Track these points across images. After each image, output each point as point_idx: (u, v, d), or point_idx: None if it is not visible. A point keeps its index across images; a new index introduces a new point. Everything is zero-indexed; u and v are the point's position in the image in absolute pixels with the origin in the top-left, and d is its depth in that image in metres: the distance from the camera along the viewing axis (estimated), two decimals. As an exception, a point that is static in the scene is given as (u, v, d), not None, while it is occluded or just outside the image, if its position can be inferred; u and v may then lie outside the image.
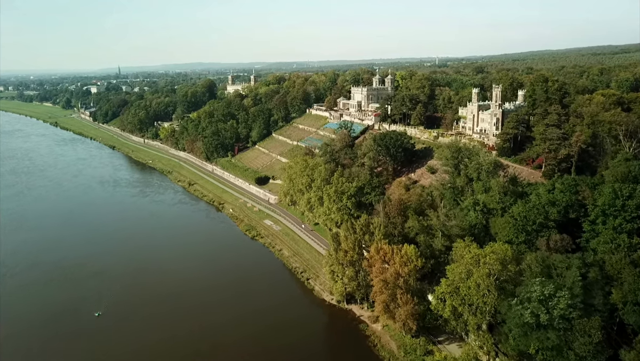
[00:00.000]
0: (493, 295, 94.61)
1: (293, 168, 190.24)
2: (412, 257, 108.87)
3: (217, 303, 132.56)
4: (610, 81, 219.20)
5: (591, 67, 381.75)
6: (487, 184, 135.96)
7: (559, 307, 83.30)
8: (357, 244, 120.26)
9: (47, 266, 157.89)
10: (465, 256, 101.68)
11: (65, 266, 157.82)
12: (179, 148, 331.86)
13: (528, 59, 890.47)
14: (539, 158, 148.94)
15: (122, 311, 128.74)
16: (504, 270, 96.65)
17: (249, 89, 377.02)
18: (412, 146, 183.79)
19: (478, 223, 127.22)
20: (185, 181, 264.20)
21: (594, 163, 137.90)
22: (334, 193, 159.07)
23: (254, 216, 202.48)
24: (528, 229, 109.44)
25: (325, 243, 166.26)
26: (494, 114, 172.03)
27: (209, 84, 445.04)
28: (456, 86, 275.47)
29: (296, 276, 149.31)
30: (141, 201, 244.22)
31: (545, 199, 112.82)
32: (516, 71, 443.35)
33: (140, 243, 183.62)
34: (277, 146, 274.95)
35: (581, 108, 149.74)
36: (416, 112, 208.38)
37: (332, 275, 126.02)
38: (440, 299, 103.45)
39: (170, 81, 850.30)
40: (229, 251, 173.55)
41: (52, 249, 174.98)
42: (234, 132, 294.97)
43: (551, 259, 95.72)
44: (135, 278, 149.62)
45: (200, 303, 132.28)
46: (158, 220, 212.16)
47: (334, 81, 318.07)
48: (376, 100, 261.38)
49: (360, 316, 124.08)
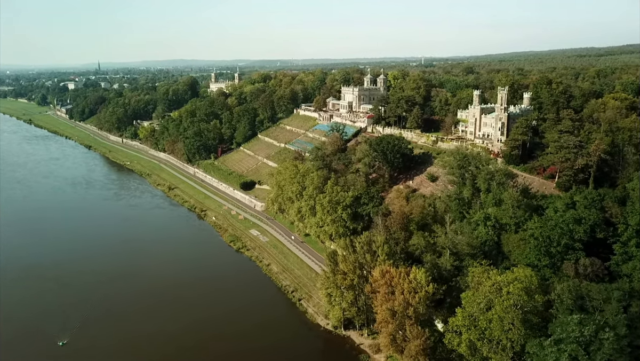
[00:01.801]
0: (519, 331, 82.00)
1: (282, 174, 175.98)
2: (422, 282, 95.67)
3: (198, 326, 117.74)
4: (613, 84, 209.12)
5: (584, 68, 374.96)
6: (497, 196, 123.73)
7: (602, 352, 70.93)
8: (357, 266, 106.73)
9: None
10: (484, 283, 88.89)
11: (20, 278, 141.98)
12: (159, 149, 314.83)
13: (513, 59, 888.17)
14: (551, 167, 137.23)
15: (88, 342, 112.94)
16: (530, 300, 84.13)
17: (233, 88, 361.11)
18: (410, 152, 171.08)
19: (489, 239, 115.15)
20: (165, 185, 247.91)
21: (612, 174, 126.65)
22: (328, 203, 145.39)
23: (239, 225, 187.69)
24: (552, 251, 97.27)
25: (318, 257, 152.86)
26: (499, 118, 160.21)
27: (191, 82, 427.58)
28: (450, 87, 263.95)
29: (287, 295, 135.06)
30: (114, 205, 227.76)
31: (569, 216, 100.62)
32: (507, 72, 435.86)
33: (107, 255, 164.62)
34: (263, 148, 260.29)
35: (597, 114, 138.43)
36: (413, 114, 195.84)
37: (328, 299, 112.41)
38: (455, 332, 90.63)
39: (151, 77, 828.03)
40: (211, 266, 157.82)
41: (9, 258, 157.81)
42: (217, 133, 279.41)
43: (584, 288, 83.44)
44: (100, 299, 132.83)
45: (179, 327, 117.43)
46: (132, 227, 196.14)
47: (322, 80, 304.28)
48: (368, 101, 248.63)
49: (360, 345, 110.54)
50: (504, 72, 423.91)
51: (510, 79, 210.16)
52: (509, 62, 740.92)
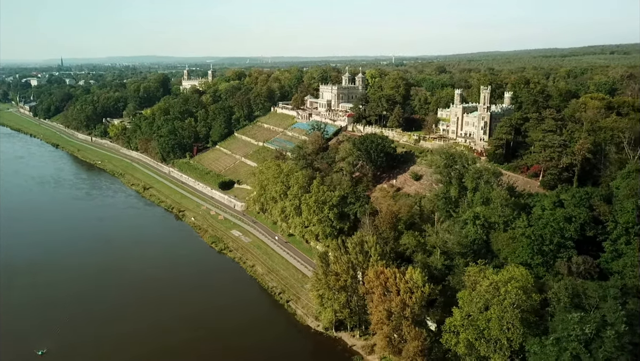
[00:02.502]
0: (518, 330, 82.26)
1: (265, 173, 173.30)
2: (418, 283, 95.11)
3: (184, 327, 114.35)
4: (587, 84, 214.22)
5: (553, 69, 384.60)
6: (485, 195, 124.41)
7: (604, 349, 71.65)
8: (350, 267, 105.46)
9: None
10: (481, 282, 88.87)
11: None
12: (132, 148, 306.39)
13: (481, 59, 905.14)
14: (534, 166, 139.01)
15: (70, 350, 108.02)
16: (528, 300, 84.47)
17: (207, 85, 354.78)
18: (393, 151, 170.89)
19: (478, 238, 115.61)
20: (140, 185, 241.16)
21: (595, 173, 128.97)
22: (314, 203, 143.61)
23: (220, 225, 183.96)
24: (544, 249, 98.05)
25: (303, 257, 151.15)
26: (481, 118, 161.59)
27: (163, 79, 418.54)
28: (426, 85, 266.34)
29: (274, 297, 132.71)
30: (87, 205, 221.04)
31: (559, 214, 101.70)
32: (478, 71, 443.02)
33: (83, 256, 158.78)
34: (240, 147, 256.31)
35: (579, 113, 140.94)
36: (394, 113, 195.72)
37: (320, 300, 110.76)
38: (453, 332, 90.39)
39: (117, 74, 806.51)
40: (193, 268, 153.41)
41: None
42: (192, 131, 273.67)
43: (580, 286, 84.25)
44: (80, 301, 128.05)
45: (163, 329, 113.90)
46: (108, 228, 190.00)
47: (299, 78, 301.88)
48: (347, 99, 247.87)
49: (352, 346, 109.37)
50: (476, 71, 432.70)
51: (488, 79, 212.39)
52: (478, 62, 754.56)
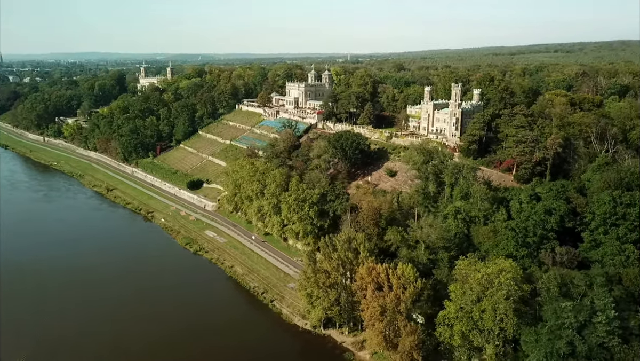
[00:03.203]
0: (511, 320, 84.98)
1: (239, 172, 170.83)
2: (410, 278, 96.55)
3: (168, 332, 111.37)
4: (546, 81, 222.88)
5: (507, 66, 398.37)
6: (465, 190, 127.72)
7: (596, 335, 75.20)
8: (340, 264, 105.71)
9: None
10: (473, 275, 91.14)
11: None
12: (89, 148, 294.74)
13: (434, 56, 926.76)
14: (507, 161, 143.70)
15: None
16: (519, 290, 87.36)
17: (166, 83, 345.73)
18: (367, 147, 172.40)
19: (459, 232, 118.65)
20: (103, 186, 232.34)
21: (565, 166, 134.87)
22: (294, 201, 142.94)
23: (192, 226, 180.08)
24: (528, 241, 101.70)
25: (282, 256, 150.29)
26: (453, 114, 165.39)
27: (119, 76, 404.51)
28: (390, 83, 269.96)
29: (257, 298, 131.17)
30: (47, 207, 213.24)
31: (540, 207, 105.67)
32: (435, 69, 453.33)
33: (49, 259, 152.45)
34: (206, 146, 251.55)
35: (549, 109, 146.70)
36: (365, 111, 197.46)
37: (309, 299, 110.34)
38: (447, 325, 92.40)
39: (65, 71, 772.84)
40: (168, 271, 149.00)
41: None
42: (155, 130, 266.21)
43: (568, 276, 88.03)
44: (53, 310, 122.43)
45: (147, 333, 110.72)
46: (72, 230, 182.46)
47: (264, 75, 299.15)
48: (314, 97, 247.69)
49: (342, 343, 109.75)
50: (433, 69, 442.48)
51: (454, 76, 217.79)
52: (432, 60, 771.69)
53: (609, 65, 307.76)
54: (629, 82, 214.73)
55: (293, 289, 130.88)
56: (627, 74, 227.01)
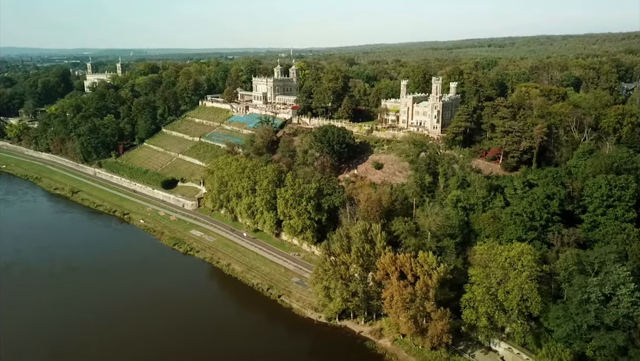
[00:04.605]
0: (536, 299, 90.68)
1: (224, 169, 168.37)
2: (433, 265, 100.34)
3: (184, 337, 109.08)
4: (509, 75, 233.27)
5: (455, 60, 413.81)
6: (461, 179, 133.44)
7: (622, 306, 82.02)
8: (360, 256, 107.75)
9: None
10: (497, 259, 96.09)
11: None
12: (40, 149, 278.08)
13: (374, 51, 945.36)
14: (492, 150, 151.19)
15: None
16: (540, 271, 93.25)
17: (120, 79, 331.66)
18: (353, 141, 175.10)
19: (460, 219, 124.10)
20: (66, 189, 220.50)
21: (548, 154, 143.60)
22: (291, 196, 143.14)
23: (175, 226, 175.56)
24: (535, 225, 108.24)
25: (278, 251, 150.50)
26: (434, 107, 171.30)
27: (63, 73, 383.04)
28: (359, 77, 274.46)
29: (262, 294, 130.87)
30: (5, 211, 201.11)
31: (541, 192, 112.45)
32: (385, 63, 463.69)
33: (23, 270, 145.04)
34: (173, 143, 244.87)
35: (529, 101, 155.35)
36: (343, 105, 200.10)
37: (326, 292, 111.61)
38: (472, 308, 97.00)
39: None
40: (162, 273, 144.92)
41: None
42: (115, 129, 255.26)
43: (583, 255, 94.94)
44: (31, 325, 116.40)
45: (162, 340, 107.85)
46: (42, 235, 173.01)
47: (226, 70, 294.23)
48: (282, 92, 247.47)
49: (360, 333, 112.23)
50: (383, 63, 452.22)
51: (422, 71, 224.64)
52: (374, 54, 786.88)
53: (559, 58, 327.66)
54: (580, 74, 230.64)
55: (299, 284, 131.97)
56: (577, 67, 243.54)
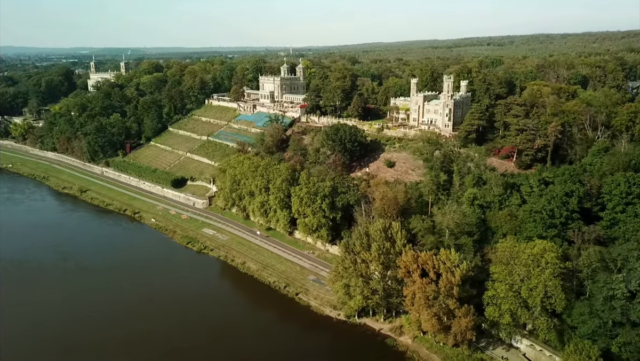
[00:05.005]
0: (560, 296, 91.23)
1: (237, 168, 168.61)
2: (455, 262, 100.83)
3: (201, 341, 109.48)
4: (517, 73, 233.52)
5: (457, 58, 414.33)
6: (476, 177, 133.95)
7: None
8: (381, 253, 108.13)
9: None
10: (520, 256, 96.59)
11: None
12: (46, 148, 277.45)
13: (374, 50, 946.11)
14: (505, 148, 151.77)
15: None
16: (563, 268, 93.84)
17: (123, 78, 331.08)
18: (365, 139, 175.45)
19: (477, 217, 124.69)
20: (74, 188, 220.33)
21: (561, 152, 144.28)
22: (306, 195, 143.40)
23: (187, 225, 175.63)
24: (555, 222, 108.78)
25: (292, 250, 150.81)
26: (445, 105, 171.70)
27: (66, 72, 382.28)
28: (366, 76, 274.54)
29: (279, 292, 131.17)
30: (14, 210, 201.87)
31: (559, 190, 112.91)
32: (388, 61, 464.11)
33: (39, 269, 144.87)
34: (180, 142, 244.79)
35: (543, 99, 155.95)
36: (353, 103, 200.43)
37: (346, 289, 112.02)
38: (495, 305, 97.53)
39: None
40: (178, 271, 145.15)
41: None
42: (122, 128, 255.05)
43: (605, 252, 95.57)
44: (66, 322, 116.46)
45: (184, 338, 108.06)
46: (53, 235, 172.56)
47: (231, 69, 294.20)
48: (289, 90, 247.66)
49: (380, 330, 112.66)
50: (385, 62, 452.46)
51: (430, 69, 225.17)
52: (374, 53, 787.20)
53: (563, 57, 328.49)
54: (587, 73, 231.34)
55: (315, 282, 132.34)
56: (583, 66, 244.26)
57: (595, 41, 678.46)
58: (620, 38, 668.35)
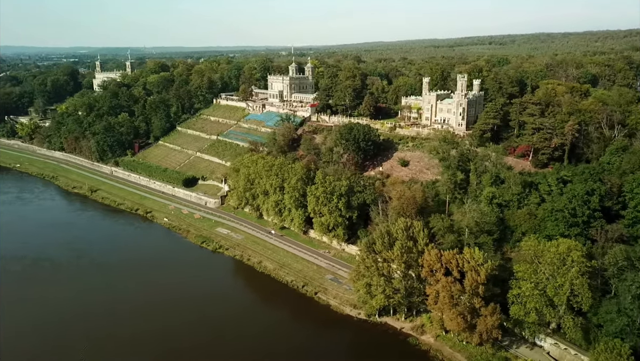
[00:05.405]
0: (587, 294, 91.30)
1: (250, 167, 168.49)
2: (479, 261, 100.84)
3: (225, 336, 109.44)
4: (526, 72, 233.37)
5: (462, 57, 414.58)
6: (494, 175, 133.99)
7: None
8: (404, 252, 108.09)
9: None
10: (545, 255, 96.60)
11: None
12: (53, 148, 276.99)
13: (374, 49, 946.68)
14: (520, 147, 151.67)
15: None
16: (589, 266, 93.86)
17: (129, 78, 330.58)
18: (378, 138, 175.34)
19: (496, 216, 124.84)
20: (84, 187, 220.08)
21: (577, 151, 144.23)
22: (322, 194, 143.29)
23: (200, 224, 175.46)
24: (578, 221, 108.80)
25: (308, 249, 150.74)
26: (459, 104, 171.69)
27: (71, 72, 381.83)
28: (375, 75, 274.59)
29: (298, 291, 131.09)
30: (24, 209, 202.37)
31: (580, 189, 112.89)
32: (392, 60, 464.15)
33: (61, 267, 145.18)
34: (189, 142, 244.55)
35: (558, 98, 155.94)
36: (365, 102, 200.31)
37: (367, 289, 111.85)
38: (520, 303, 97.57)
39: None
40: (195, 271, 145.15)
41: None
42: (131, 127, 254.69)
43: (630, 250, 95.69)
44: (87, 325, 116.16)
45: (208, 336, 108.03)
46: (66, 234, 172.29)
47: (239, 69, 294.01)
48: (298, 89, 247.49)
49: (401, 329, 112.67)
50: (390, 61, 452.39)
51: (440, 68, 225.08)
52: (375, 52, 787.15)
53: (568, 56, 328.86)
54: (597, 72, 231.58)
55: (333, 281, 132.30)
56: (592, 65, 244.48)
57: (598, 40, 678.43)
58: (622, 37, 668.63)
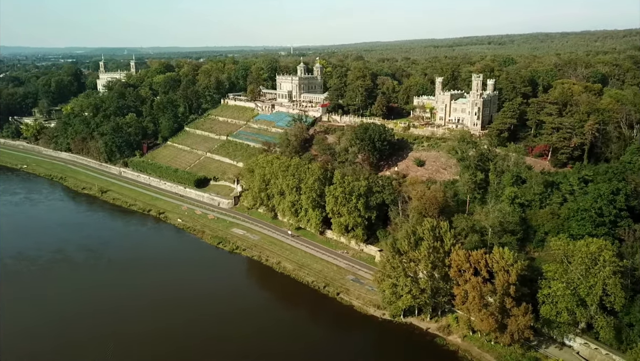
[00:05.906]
0: (620, 294, 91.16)
1: (265, 168, 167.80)
2: (509, 261, 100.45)
3: (257, 337, 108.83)
4: (537, 71, 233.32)
5: (466, 56, 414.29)
6: (515, 175, 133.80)
7: None
8: (431, 252, 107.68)
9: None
10: (577, 254, 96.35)
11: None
12: (60, 148, 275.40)
13: (375, 49, 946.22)
14: (538, 147, 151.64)
15: None
16: (621, 266, 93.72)
17: (135, 78, 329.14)
18: (393, 138, 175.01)
19: (518, 216, 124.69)
20: (94, 188, 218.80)
21: (596, 150, 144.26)
22: (341, 194, 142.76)
23: (215, 225, 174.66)
24: (604, 220, 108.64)
25: (326, 249, 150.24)
26: (474, 104, 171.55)
27: (75, 72, 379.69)
28: (382, 74, 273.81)
29: (319, 292, 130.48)
30: (34, 210, 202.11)
31: (606, 188, 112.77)
32: (395, 60, 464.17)
33: (80, 269, 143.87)
34: (198, 142, 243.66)
35: (576, 97, 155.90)
36: (377, 102, 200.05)
37: (393, 290, 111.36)
38: (551, 303, 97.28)
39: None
40: (214, 271, 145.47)
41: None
42: (139, 128, 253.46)
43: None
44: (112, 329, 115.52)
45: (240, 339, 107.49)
46: (79, 235, 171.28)
47: (246, 69, 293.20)
48: (307, 89, 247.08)
49: (427, 329, 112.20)
50: (392, 61, 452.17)
51: (451, 68, 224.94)
52: (375, 52, 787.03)
53: (578, 55, 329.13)
54: (606, 71, 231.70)
55: (355, 282, 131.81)
56: (601, 64, 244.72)
57: (597, 40, 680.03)
58: (621, 37, 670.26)
